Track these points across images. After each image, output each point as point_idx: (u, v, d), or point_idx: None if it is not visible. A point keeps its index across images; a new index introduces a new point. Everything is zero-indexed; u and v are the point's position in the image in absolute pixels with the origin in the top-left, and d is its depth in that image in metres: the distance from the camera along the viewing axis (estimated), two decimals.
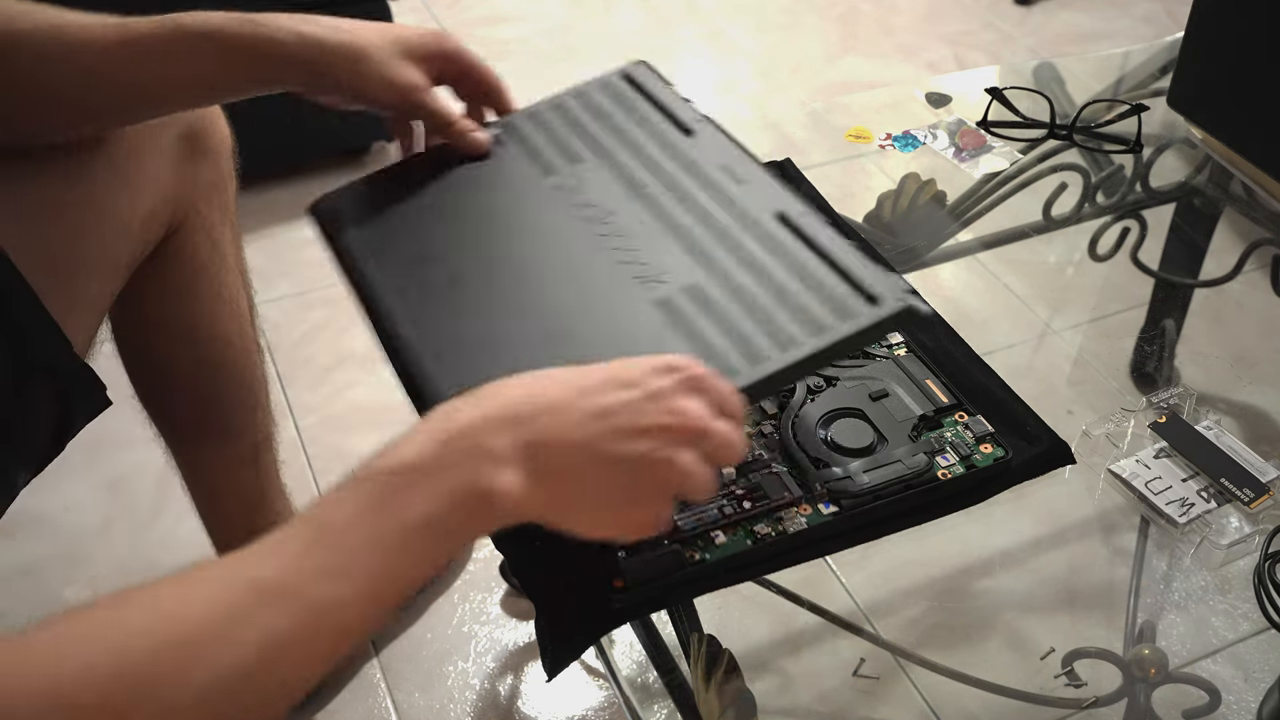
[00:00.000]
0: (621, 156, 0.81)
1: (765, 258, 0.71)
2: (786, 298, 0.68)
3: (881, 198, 1.15)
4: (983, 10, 2.52)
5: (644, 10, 2.51)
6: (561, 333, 0.69)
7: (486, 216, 0.79)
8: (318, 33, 0.75)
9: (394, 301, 0.73)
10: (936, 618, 0.89)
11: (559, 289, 0.72)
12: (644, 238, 0.74)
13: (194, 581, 0.47)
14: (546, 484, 0.53)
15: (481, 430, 0.52)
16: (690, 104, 0.84)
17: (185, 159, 0.90)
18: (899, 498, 0.71)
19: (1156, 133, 1.23)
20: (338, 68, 0.76)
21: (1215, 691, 0.76)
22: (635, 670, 0.75)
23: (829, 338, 0.65)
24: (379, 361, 0.73)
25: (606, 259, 0.73)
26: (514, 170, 0.82)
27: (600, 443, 0.54)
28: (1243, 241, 1.18)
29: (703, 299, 0.69)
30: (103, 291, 0.86)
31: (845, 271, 0.69)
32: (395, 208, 0.81)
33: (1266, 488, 0.83)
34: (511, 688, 1.23)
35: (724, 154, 0.79)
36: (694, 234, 0.73)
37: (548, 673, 0.65)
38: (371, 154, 1.99)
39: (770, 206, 0.74)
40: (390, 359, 0.72)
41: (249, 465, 1.08)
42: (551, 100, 0.87)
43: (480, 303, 0.72)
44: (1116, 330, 1.11)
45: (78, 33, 0.73)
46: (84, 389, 0.80)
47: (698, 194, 0.76)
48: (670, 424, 0.55)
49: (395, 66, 0.77)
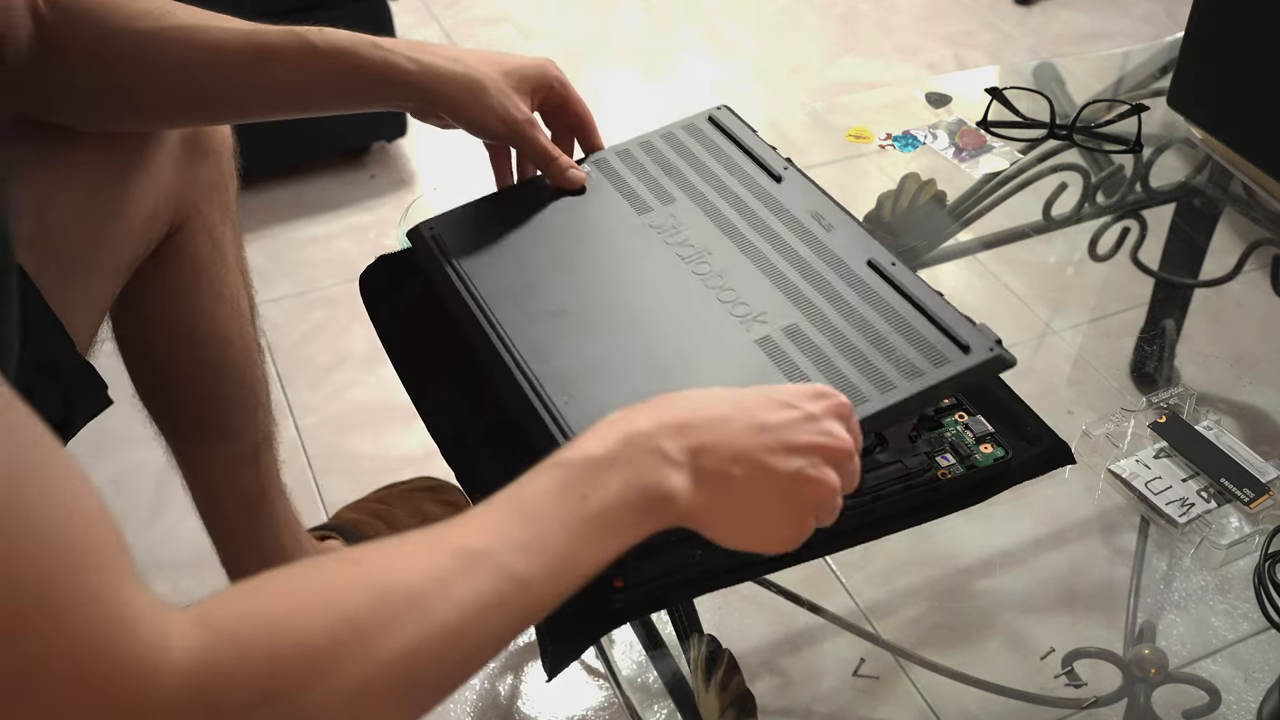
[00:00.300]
0: (713, 198, 0.85)
1: (859, 303, 0.75)
2: (882, 342, 0.72)
3: (881, 198, 1.15)
4: (983, 10, 2.52)
5: (644, 10, 2.51)
6: (671, 366, 0.73)
7: (588, 251, 0.83)
8: (437, 63, 0.80)
9: (509, 327, 0.76)
10: (936, 618, 0.89)
11: (664, 323, 0.76)
12: (741, 278, 0.78)
13: (402, 546, 0.50)
14: (708, 489, 0.56)
15: (657, 434, 0.55)
16: (775, 150, 0.89)
17: (187, 158, 0.90)
18: (899, 498, 0.71)
19: (1156, 133, 1.23)
20: (453, 98, 0.80)
21: (1215, 691, 0.76)
22: (635, 670, 0.75)
23: (926, 382, 0.69)
24: (379, 361, 0.74)
25: (707, 297, 0.77)
26: (610, 207, 0.86)
27: (760, 453, 0.57)
28: (1243, 241, 1.18)
29: (802, 339, 0.73)
30: (104, 290, 0.86)
31: (937, 320, 0.73)
32: (499, 237, 0.85)
33: (1266, 488, 0.83)
34: (511, 688, 1.23)
35: (812, 200, 0.84)
36: (788, 277, 0.77)
37: (548, 673, 0.65)
38: (371, 154, 1.99)
39: (861, 253, 0.78)
40: (500, 378, 0.75)
41: (249, 465, 1.08)
42: (639, 140, 0.92)
43: (590, 334, 0.75)
44: (1116, 330, 1.11)
45: (203, 36, 0.77)
46: (85, 387, 0.80)
47: (789, 238, 0.80)
48: (825, 444, 0.58)
49: (507, 99, 0.82)
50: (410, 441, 1.46)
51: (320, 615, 0.45)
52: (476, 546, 0.49)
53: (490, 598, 0.49)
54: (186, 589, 1.30)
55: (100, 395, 0.81)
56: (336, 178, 1.96)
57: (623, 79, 2.27)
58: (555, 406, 0.70)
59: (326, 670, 0.44)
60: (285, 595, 0.46)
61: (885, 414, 0.68)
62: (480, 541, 0.50)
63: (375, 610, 0.46)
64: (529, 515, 0.51)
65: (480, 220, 0.86)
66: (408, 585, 0.47)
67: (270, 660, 0.43)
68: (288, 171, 1.92)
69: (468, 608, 0.48)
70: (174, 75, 0.78)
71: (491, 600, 0.49)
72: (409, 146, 2.02)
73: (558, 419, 0.70)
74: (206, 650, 0.42)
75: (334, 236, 1.85)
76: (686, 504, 0.55)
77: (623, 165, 0.89)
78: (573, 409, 0.70)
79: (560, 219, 0.85)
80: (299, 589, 0.47)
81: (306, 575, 0.48)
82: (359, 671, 0.45)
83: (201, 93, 0.80)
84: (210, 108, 0.84)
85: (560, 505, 0.52)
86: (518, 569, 0.49)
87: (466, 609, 0.48)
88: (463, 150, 1.05)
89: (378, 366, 1.58)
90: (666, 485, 0.54)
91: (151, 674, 0.40)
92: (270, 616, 0.44)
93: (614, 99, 2.18)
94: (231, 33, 0.78)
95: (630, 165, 0.89)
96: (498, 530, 0.50)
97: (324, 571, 0.49)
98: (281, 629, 0.44)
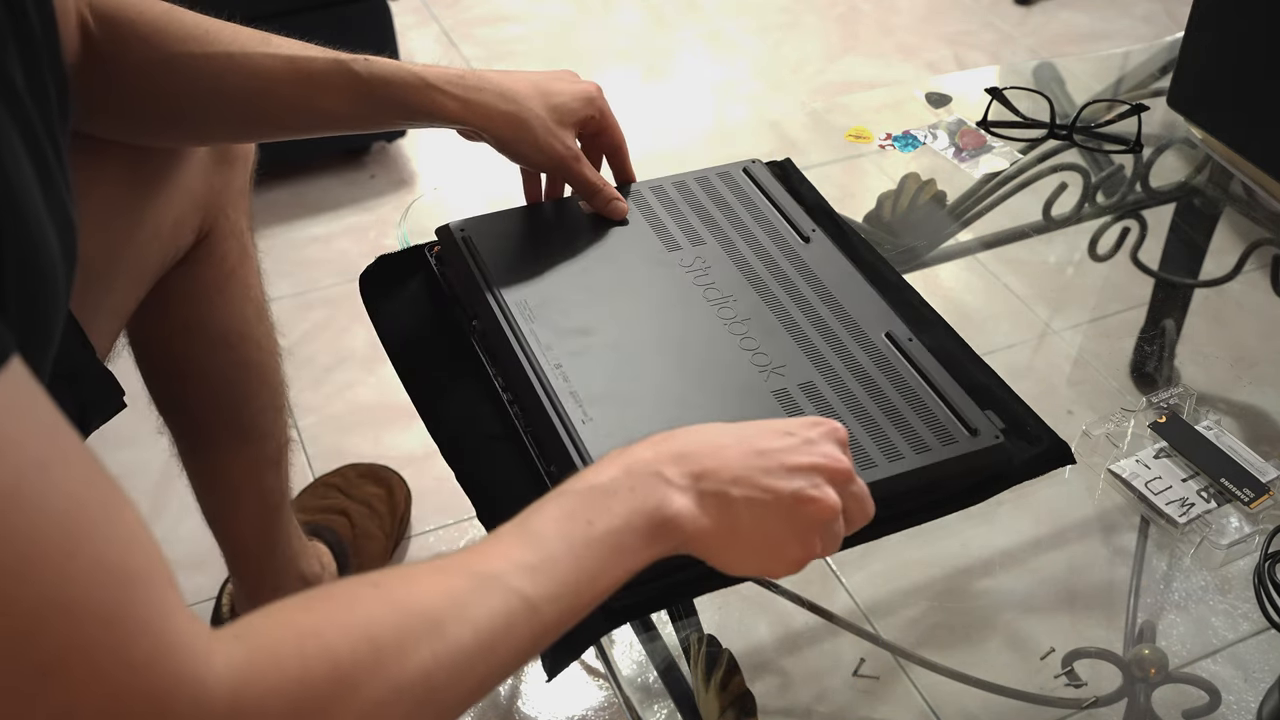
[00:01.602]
0: (742, 247, 0.87)
1: (875, 372, 0.77)
2: (894, 413, 0.74)
3: (881, 198, 1.15)
4: (983, 10, 2.52)
5: (644, 10, 2.51)
6: (690, 401, 0.74)
7: (617, 277, 0.84)
8: (483, 100, 0.81)
9: (533, 339, 0.78)
10: (936, 618, 0.89)
11: (686, 360, 0.78)
12: (762, 329, 0.80)
13: (420, 570, 0.52)
14: (711, 512, 0.57)
15: (656, 461, 0.57)
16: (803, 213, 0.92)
17: (215, 165, 0.90)
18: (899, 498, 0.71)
19: (1156, 133, 1.23)
20: (498, 136, 0.83)
21: (1215, 691, 0.76)
22: (635, 670, 0.75)
23: (932, 457, 0.71)
24: (379, 361, 0.74)
25: (729, 341, 0.79)
26: (641, 238, 0.88)
27: (758, 476, 0.58)
28: (1243, 241, 1.18)
29: (817, 397, 0.75)
30: (129, 297, 0.86)
31: (948, 400, 0.75)
32: (529, 249, 0.86)
33: (1266, 488, 0.83)
34: (511, 688, 1.23)
35: (837, 266, 0.86)
36: (809, 336, 0.79)
37: (548, 673, 0.65)
38: (371, 154, 1.99)
39: (880, 325, 0.80)
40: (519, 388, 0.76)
41: (273, 467, 1.08)
42: (673, 178, 0.94)
43: (613, 358, 0.77)
44: (1116, 330, 1.11)
45: (251, 63, 0.78)
46: (103, 393, 0.80)
47: (813, 299, 0.82)
48: (822, 464, 0.60)
49: (553, 136, 0.84)
50: (410, 441, 1.46)
51: (346, 635, 0.47)
52: (489, 569, 0.51)
53: (500, 619, 0.50)
54: (187, 589, 1.30)
55: (116, 400, 0.81)
56: (336, 178, 1.96)
57: (623, 79, 2.27)
58: (573, 426, 0.71)
59: (350, 689, 0.46)
60: (317, 615, 0.48)
61: (890, 483, 0.70)
62: (492, 565, 0.51)
63: (396, 631, 0.47)
64: (536, 540, 0.53)
65: (511, 229, 0.88)
66: (425, 607, 0.49)
67: (302, 676, 0.45)
68: (288, 171, 1.92)
69: (482, 628, 0.49)
70: (222, 100, 0.80)
71: (502, 622, 0.50)
72: (409, 146, 2.02)
73: (575, 439, 0.71)
74: (246, 663, 0.44)
75: (334, 236, 1.85)
76: (691, 528, 0.57)
77: (655, 200, 0.92)
78: (589, 430, 0.71)
79: (591, 242, 0.87)
80: (328, 609, 0.48)
81: (332, 597, 0.50)
82: (377, 694, 0.46)
83: (247, 116, 0.82)
84: (254, 129, 0.86)
85: (567, 530, 0.54)
86: (526, 591, 0.51)
87: (481, 629, 0.49)
88: (463, 151, 1.05)
89: (378, 366, 1.58)
90: (670, 507, 0.56)
91: (198, 690, 0.42)
92: (302, 633, 0.46)
93: (614, 99, 2.16)
94: (278, 59, 0.79)
95: (663, 201, 0.92)
96: (507, 554, 0.52)
97: (349, 593, 0.50)
98: (312, 646, 0.46)
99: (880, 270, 0.88)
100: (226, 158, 0.92)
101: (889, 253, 0.95)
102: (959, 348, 0.82)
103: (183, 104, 0.80)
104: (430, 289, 0.87)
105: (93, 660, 0.39)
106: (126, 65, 0.77)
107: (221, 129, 0.85)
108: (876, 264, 0.89)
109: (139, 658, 0.40)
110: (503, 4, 2.50)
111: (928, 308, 0.85)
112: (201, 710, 0.42)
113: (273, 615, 0.47)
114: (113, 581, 0.40)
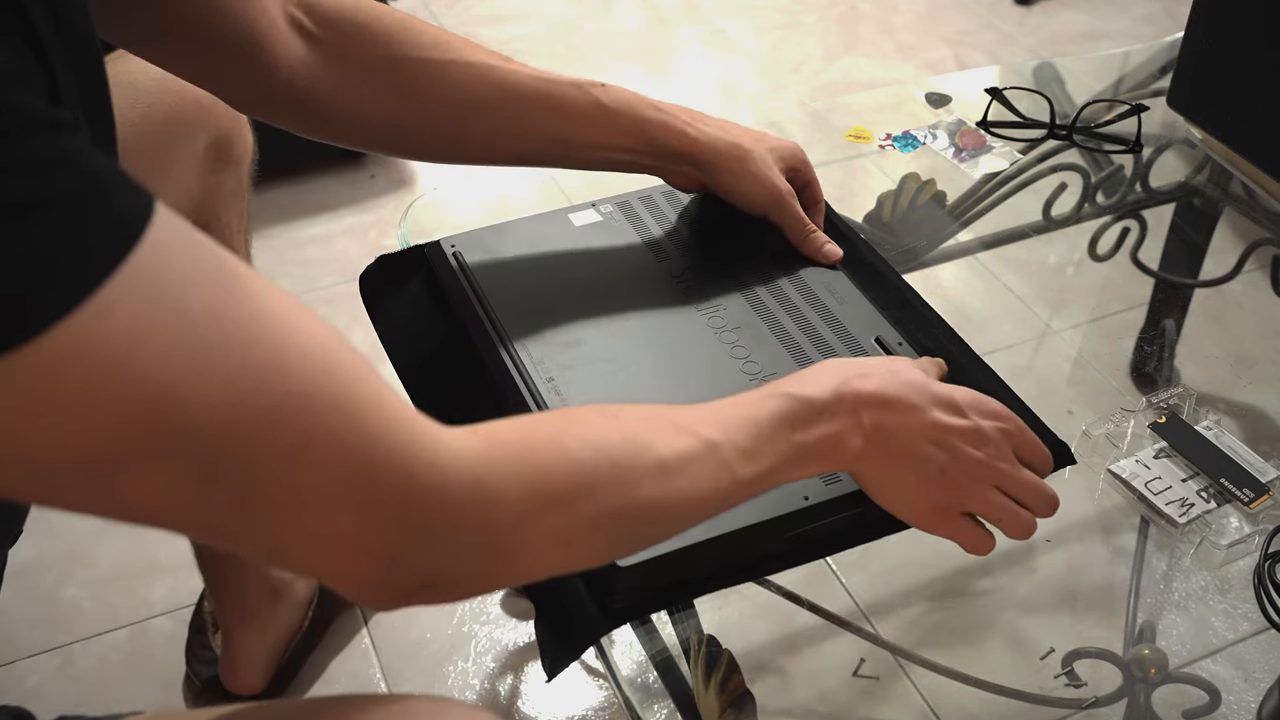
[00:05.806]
0: (732, 256, 0.88)
1: None
2: None
3: (881, 198, 1.15)
4: (983, 10, 2.52)
5: (644, 10, 2.51)
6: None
7: (607, 289, 0.85)
8: (711, 131, 0.84)
9: (524, 352, 0.78)
10: (936, 618, 0.89)
11: (676, 371, 0.79)
12: (752, 337, 0.81)
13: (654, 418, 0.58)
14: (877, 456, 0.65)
15: (861, 401, 0.64)
16: None
17: (211, 167, 0.90)
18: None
19: (1156, 133, 1.23)
20: (724, 167, 0.84)
21: (1215, 691, 0.76)
22: (635, 670, 0.75)
23: None
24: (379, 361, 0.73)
25: (719, 351, 0.79)
26: (630, 249, 0.89)
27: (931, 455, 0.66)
28: (1243, 241, 1.18)
29: None
30: None
31: None
32: (520, 263, 0.87)
33: (1266, 488, 0.83)
34: (511, 688, 1.23)
35: (829, 271, 0.87)
36: (799, 343, 0.80)
37: (548, 673, 0.65)
38: (371, 154, 1.99)
39: (869, 330, 0.81)
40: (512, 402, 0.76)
41: None
42: (662, 188, 0.94)
43: (602, 370, 0.77)
44: (1116, 330, 1.11)
45: (495, 75, 0.78)
46: None
47: (803, 305, 0.84)
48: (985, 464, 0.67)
49: (771, 171, 0.85)
50: None
51: (589, 449, 0.53)
52: (714, 439, 0.58)
53: (709, 486, 0.57)
54: (187, 589, 1.30)
55: None
56: (336, 178, 1.96)
57: (623, 79, 2.26)
58: None
59: (588, 492, 0.52)
60: (558, 427, 0.54)
61: None
62: (719, 435, 0.58)
63: (630, 461, 0.54)
64: (757, 429, 0.60)
65: (502, 244, 0.88)
66: (659, 454, 0.55)
67: (541, 470, 0.51)
68: (288, 171, 1.92)
69: (695, 488, 0.57)
70: (459, 110, 0.79)
71: (710, 488, 0.57)
72: None
73: None
74: (485, 450, 0.49)
75: (334, 236, 1.85)
76: (853, 466, 0.66)
77: (644, 210, 0.92)
78: None
79: (580, 255, 0.88)
80: (566, 424, 0.55)
81: (570, 418, 0.57)
82: (610, 505, 0.53)
83: (481, 131, 0.80)
84: (481, 148, 0.83)
85: (781, 432, 0.61)
86: (735, 469, 0.58)
87: (695, 489, 0.57)
88: None
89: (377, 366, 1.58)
90: (850, 446, 0.64)
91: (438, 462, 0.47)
92: (541, 438, 0.52)
93: None
94: (522, 75, 0.79)
95: (652, 211, 0.92)
96: (730, 433, 0.59)
97: (586, 418, 0.57)
98: (551, 450, 0.52)
99: (880, 271, 0.88)
100: (223, 159, 0.91)
101: (889, 253, 0.95)
102: (958, 348, 0.82)
103: (416, 111, 0.79)
104: (430, 289, 0.87)
105: (337, 438, 0.45)
106: (361, 66, 0.76)
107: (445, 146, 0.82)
108: (876, 264, 0.89)
109: (376, 434, 0.46)
110: (503, 4, 2.50)
111: (927, 308, 0.85)
112: (445, 480, 0.47)
113: (507, 421, 0.53)
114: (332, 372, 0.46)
